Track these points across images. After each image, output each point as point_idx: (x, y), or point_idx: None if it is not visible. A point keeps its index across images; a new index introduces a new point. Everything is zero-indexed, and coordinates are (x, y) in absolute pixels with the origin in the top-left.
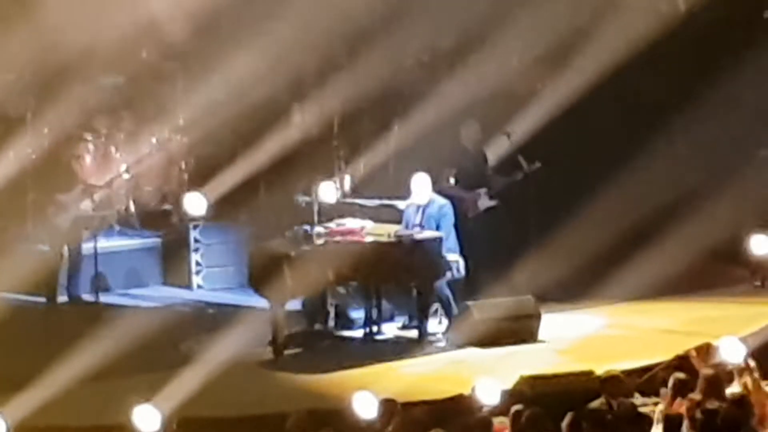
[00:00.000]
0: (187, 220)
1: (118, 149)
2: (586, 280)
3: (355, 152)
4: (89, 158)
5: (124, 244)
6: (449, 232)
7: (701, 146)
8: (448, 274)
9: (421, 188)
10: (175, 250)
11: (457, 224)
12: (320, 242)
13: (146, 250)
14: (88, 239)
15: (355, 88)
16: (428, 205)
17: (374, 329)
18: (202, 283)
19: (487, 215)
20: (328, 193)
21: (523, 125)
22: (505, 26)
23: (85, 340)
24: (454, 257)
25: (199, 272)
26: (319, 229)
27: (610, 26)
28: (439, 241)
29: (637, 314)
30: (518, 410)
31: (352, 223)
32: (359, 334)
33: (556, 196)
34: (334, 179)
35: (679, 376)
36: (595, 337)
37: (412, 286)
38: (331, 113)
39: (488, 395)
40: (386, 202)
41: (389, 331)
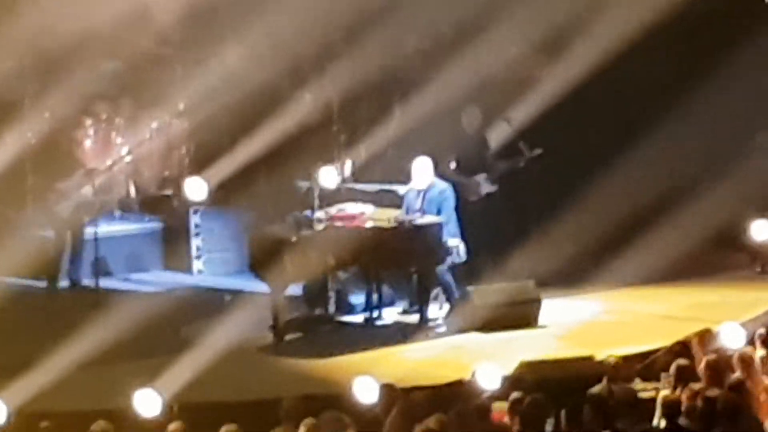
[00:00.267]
0: (187, 204)
1: (118, 134)
2: (586, 265)
3: (355, 137)
4: (89, 143)
5: (124, 229)
6: (450, 216)
7: (702, 132)
8: (448, 259)
9: (422, 173)
10: (175, 235)
11: (458, 209)
12: (321, 227)
13: (147, 235)
14: (89, 224)
15: (355, 73)
16: (429, 189)
17: (375, 314)
18: (202, 268)
19: (487, 200)
20: (328, 178)
21: (523, 111)
22: (505, 12)
23: (85, 324)
24: (454, 242)
25: (199, 257)
26: (319, 214)
27: (609, 13)
28: (439, 226)
29: (637, 300)
30: (518, 397)
31: (352, 208)
32: (360, 319)
33: (556, 181)
34: (334, 164)
35: (681, 362)
36: (595, 322)
37: (412, 271)
38: (331, 98)
39: (488, 380)
40: (387, 187)
41: (390, 316)
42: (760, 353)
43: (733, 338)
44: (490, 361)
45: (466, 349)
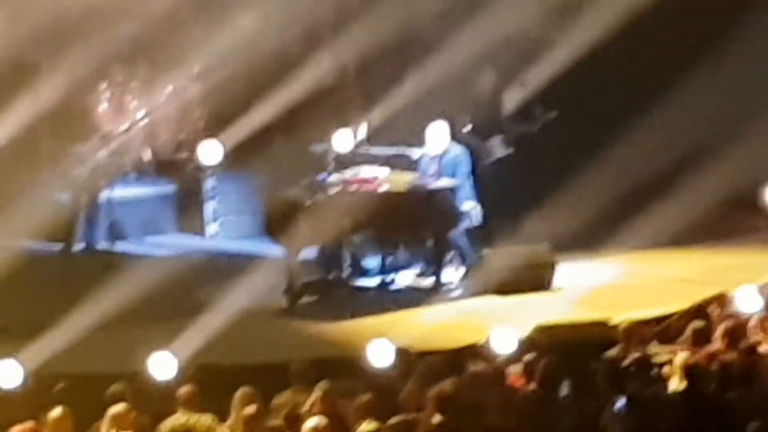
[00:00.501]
0: (202, 168)
1: (133, 98)
2: (601, 228)
3: (370, 100)
4: (105, 107)
5: (139, 192)
6: (465, 180)
7: (719, 94)
8: (463, 222)
9: (437, 136)
10: (190, 198)
11: (473, 172)
12: (336, 191)
13: (162, 198)
14: (104, 188)
15: (370, 35)
16: (444, 153)
17: (389, 278)
18: (217, 231)
19: (502, 164)
20: (343, 141)
21: (539, 73)
22: None
23: (100, 288)
24: (470, 205)
25: (214, 220)
26: (334, 177)
27: None
28: (454, 189)
29: (653, 263)
30: (533, 359)
31: (367, 171)
32: (374, 282)
33: (571, 144)
34: (349, 128)
35: (696, 325)
36: (610, 285)
37: (427, 234)
38: (347, 61)
39: (503, 344)
40: (402, 150)
41: (404, 279)
42: None
43: (749, 302)
44: (505, 324)
45: (480, 312)
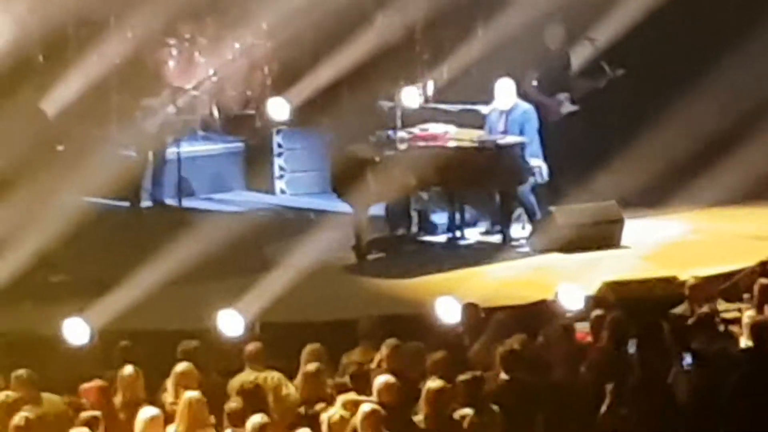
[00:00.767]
0: (270, 124)
1: (201, 54)
2: (669, 185)
3: (438, 57)
4: (173, 63)
5: (207, 149)
6: (533, 137)
7: None
8: (531, 179)
9: (504, 93)
10: (258, 155)
11: (540, 129)
12: (403, 147)
13: (229, 155)
14: (171, 144)
15: None
16: (512, 110)
17: (457, 234)
18: (285, 188)
19: (569, 120)
20: (411, 98)
21: (607, 30)
22: None
23: (168, 245)
24: (537, 162)
25: (282, 177)
26: (402, 134)
27: None
28: (522, 146)
29: (721, 219)
30: (600, 314)
31: (435, 128)
32: (442, 239)
33: (639, 101)
34: (417, 84)
35: (764, 282)
36: (678, 242)
37: (495, 191)
38: (414, 17)
39: (571, 301)
40: (469, 107)
41: (472, 236)
42: None
43: None
44: (572, 281)
45: (548, 269)
